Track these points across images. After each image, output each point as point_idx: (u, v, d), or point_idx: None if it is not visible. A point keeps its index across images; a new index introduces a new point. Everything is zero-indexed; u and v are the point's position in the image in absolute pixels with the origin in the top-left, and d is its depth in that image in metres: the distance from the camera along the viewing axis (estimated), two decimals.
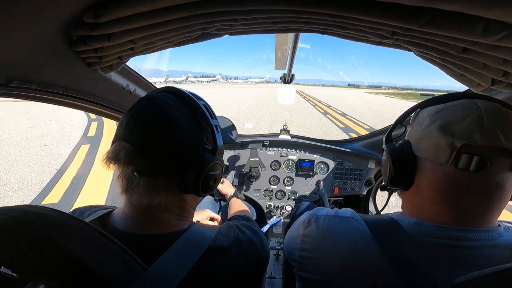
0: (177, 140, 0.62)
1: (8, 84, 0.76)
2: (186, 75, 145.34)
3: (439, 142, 0.56)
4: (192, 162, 0.64)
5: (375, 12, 0.62)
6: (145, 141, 0.60)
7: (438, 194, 0.59)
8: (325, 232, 0.68)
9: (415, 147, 0.63)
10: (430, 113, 0.61)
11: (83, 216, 0.70)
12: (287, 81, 1.91)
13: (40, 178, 5.01)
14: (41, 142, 7.41)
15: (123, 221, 0.65)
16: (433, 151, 0.58)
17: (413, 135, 0.65)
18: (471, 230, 0.56)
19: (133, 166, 0.60)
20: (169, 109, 0.62)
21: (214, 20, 0.74)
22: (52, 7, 0.62)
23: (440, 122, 0.58)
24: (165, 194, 0.64)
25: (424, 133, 0.61)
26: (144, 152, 0.60)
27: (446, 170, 0.57)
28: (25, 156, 6.24)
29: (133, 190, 0.63)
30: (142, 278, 0.51)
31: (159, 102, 0.63)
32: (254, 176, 2.09)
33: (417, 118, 0.66)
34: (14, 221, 0.45)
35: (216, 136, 0.68)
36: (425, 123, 0.61)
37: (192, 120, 0.65)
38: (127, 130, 0.61)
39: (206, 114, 0.67)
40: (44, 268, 0.46)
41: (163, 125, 0.61)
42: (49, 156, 6.24)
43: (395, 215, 0.68)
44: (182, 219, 0.70)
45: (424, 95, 52.81)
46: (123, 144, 0.60)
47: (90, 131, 8.85)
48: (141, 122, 0.61)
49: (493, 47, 0.65)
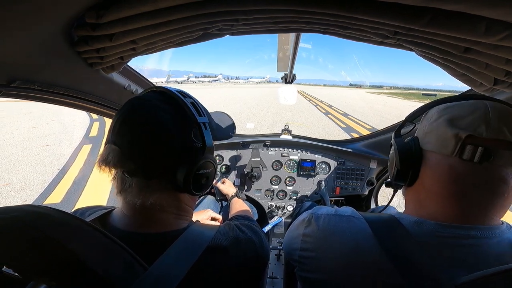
0: (163, 140, 0.62)
1: (10, 85, 0.76)
2: (187, 75, 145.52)
3: (445, 133, 0.58)
4: (181, 162, 0.64)
5: (376, 12, 0.62)
6: (131, 144, 0.61)
7: (441, 186, 0.59)
8: (325, 231, 0.68)
9: (422, 141, 0.65)
10: (439, 109, 0.63)
11: (83, 216, 0.70)
12: (289, 81, 1.91)
13: (42, 178, 5.03)
14: (43, 142, 7.46)
15: (122, 220, 0.66)
16: (439, 143, 0.59)
17: (421, 130, 0.67)
18: (473, 228, 0.56)
19: (122, 168, 0.62)
20: (154, 110, 0.63)
21: (215, 20, 0.74)
22: (53, 7, 0.62)
23: (447, 116, 0.59)
24: (159, 194, 0.64)
25: (432, 126, 0.63)
26: (132, 154, 0.61)
27: (451, 161, 0.58)
28: (27, 156, 6.27)
29: (127, 191, 0.64)
30: (143, 277, 0.51)
31: (144, 103, 0.64)
32: (255, 176, 2.09)
33: (427, 115, 0.68)
34: (16, 221, 0.45)
35: (205, 134, 0.67)
36: (433, 118, 0.63)
37: (178, 119, 0.65)
38: (114, 133, 0.62)
39: (193, 112, 0.66)
40: (45, 268, 0.46)
41: (148, 126, 0.62)
42: (51, 156, 6.26)
43: (396, 213, 0.68)
44: (181, 218, 0.70)
45: (426, 95, 52.69)
46: (112, 147, 0.61)
47: (92, 131, 8.90)
48: (127, 125, 0.62)
49: (495, 46, 0.64)
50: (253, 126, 10.59)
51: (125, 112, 0.63)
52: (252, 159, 2.07)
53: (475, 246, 0.55)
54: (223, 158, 2.21)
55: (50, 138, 7.97)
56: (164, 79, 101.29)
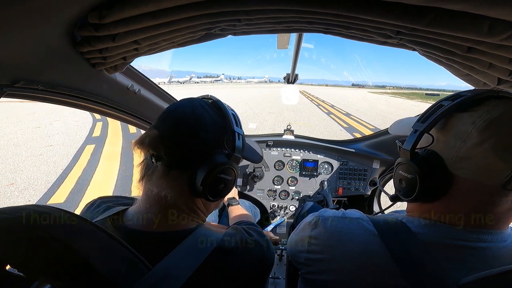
0: (198, 135, 0.66)
1: (14, 85, 0.77)
2: (189, 76, 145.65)
3: (494, 164, 0.51)
4: (206, 160, 0.65)
5: (379, 12, 0.62)
6: (170, 130, 0.66)
7: (468, 207, 0.57)
8: (333, 234, 0.68)
9: (454, 165, 0.56)
10: (478, 128, 0.53)
11: (99, 209, 0.73)
12: (291, 81, 1.90)
13: (46, 178, 5.07)
14: (46, 143, 7.55)
15: (134, 217, 0.68)
16: (481, 173, 0.53)
17: (450, 150, 0.57)
18: (484, 232, 0.56)
19: (152, 151, 0.64)
20: (199, 109, 0.69)
21: (217, 21, 0.75)
22: (56, 8, 0.62)
23: (494, 141, 0.51)
24: (174, 188, 0.66)
25: (473, 152, 0.53)
26: (166, 140, 0.64)
27: (492, 190, 0.53)
28: (31, 157, 6.33)
29: (149, 177, 0.67)
30: (146, 277, 0.51)
31: (193, 102, 0.71)
32: (257, 176, 2.09)
33: (454, 128, 0.58)
34: (20, 221, 0.45)
35: (236, 142, 0.70)
36: (472, 140, 0.53)
37: (218, 123, 0.70)
38: (160, 120, 0.69)
39: (232, 122, 0.72)
40: (49, 268, 0.46)
41: (190, 119, 0.67)
42: (54, 156, 6.32)
43: (402, 216, 0.67)
44: (192, 219, 0.71)
45: (429, 94, 52.33)
46: (152, 130, 0.66)
47: (95, 131, 8.95)
48: (172, 114, 0.68)
49: (498, 46, 0.64)
50: (255, 126, 10.58)
51: (176, 105, 0.71)
52: None
53: (484, 249, 0.55)
54: None
55: (53, 138, 8.04)
56: (166, 79, 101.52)
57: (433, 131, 0.61)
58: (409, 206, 0.71)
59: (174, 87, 13.03)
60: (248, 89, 49.32)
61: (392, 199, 0.72)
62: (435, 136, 0.60)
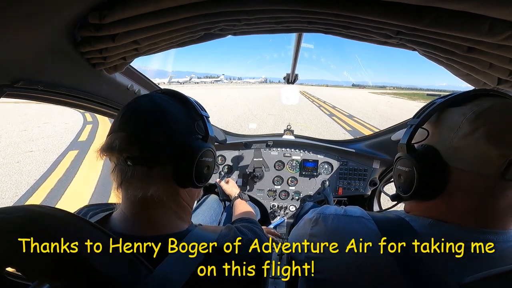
0: (170, 128, 0.65)
1: (14, 85, 0.77)
2: (189, 76, 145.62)
3: (488, 153, 0.51)
4: (185, 149, 0.66)
5: (379, 12, 0.62)
6: (139, 129, 0.63)
7: (471, 202, 0.57)
8: (334, 232, 0.67)
9: (449, 156, 0.57)
10: (468, 118, 0.55)
11: (86, 217, 0.70)
12: (291, 81, 1.90)
13: (15, 190, 4.56)
14: (28, 148, 6.94)
15: (122, 223, 0.66)
16: (477, 163, 0.53)
17: (444, 142, 0.59)
18: (489, 232, 0.55)
19: (127, 154, 0.61)
20: (162, 102, 0.67)
21: (217, 21, 0.75)
22: (57, 8, 0.62)
23: (485, 129, 0.52)
24: (159, 185, 0.64)
25: (466, 142, 0.54)
26: (138, 139, 0.62)
27: (490, 183, 0.54)
28: (6, 164, 5.77)
29: (128, 182, 0.64)
30: (149, 279, 0.51)
31: (153, 97, 0.68)
32: (257, 176, 2.09)
33: (446, 121, 0.60)
34: (20, 221, 0.45)
35: (208, 125, 0.73)
36: (463, 130, 0.55)
37: (184, 112, 0.70)
38: (122, 121, 0.64)
39: (196, 107, 0.73)
40: (49, 268, 0.46)
41: (157, 114, 0.65)
42: (31, 164, 5.76)
43: (405, 214, 0.67)
44: (181, 218, 0.70)
45: (430, 95, 52.20)
46: (118, 134, 0.62)
47: (82, 135, 8.44)
48: (136, 113, 0.65)
49: (499, 46, 0.64)
50: (255, 126, 10.55)
51: (134, 104, 0.67)
52: (254, 159, 2.06)
53: (491, 250, 0.54)
54: (225, 158, 2.21)
55: (36, 143, 7.45)
56: (166, 80, 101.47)
57: (427, 126, 0.63)
58: (409, 205, 0.71)
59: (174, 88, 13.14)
60: (247, 89, 49.14)
61: (393, 199, 0.72)
62: (429, 130, 0.63)
